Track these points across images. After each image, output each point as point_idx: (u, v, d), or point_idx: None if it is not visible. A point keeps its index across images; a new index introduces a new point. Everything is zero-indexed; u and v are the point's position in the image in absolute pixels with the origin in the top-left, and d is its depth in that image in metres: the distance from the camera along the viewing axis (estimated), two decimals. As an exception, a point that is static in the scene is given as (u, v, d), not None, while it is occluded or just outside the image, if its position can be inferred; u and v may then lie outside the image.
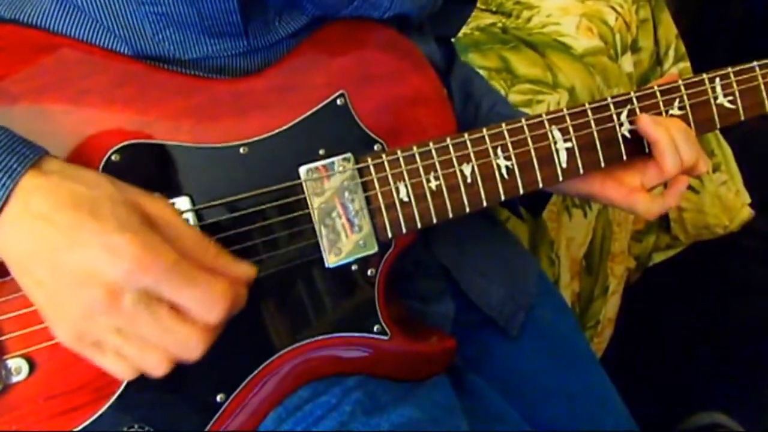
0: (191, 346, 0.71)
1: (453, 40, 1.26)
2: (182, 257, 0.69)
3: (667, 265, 2.64)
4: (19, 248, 0.69)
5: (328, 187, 0.88)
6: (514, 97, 1.92)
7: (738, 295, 2.57)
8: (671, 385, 2.28)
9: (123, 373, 0.73)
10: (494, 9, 2.34)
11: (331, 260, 0.89)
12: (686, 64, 2.53)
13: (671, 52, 2.50)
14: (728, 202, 2.56)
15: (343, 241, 0.89)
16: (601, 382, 1.20)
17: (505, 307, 1.14)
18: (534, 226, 1.80)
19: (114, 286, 0.66)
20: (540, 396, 1.13)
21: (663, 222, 2.57)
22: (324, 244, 0.88)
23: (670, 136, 0.98)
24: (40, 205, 0.68)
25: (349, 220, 0.89)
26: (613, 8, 2.30)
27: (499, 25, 2.26)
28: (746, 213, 2.60)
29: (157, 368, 0.71)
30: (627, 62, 2.29)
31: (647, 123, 0.99)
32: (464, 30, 2.12)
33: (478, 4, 2.21)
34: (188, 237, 0.72)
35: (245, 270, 0.76)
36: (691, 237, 2.60)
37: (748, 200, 2.61)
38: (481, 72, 1.90)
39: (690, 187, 2.49)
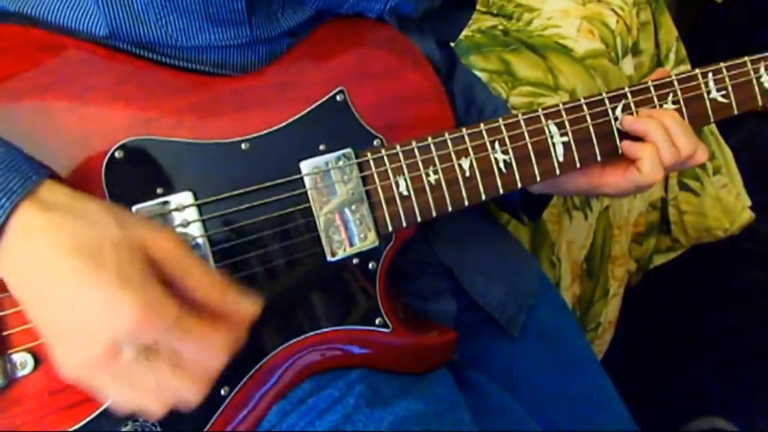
0: (189, 397, 0.69)
1: (453, 45, 1.27)
2: (186, 302, 0.68)
3: (668, 267, 2.64)
4: (24, 285, 0.68)
5: (329, 182, 0.89)
6: (515, 100, 1.92)
7: (738, 298, 2.57)
8: (671, 388, 2.28)
9: (121, 407, 0.71)
10: (495, 11, 2.35)
11: (332, 254, 0.90)
12: (687, 67, 2.53)
13: (672, 55, 2.51)
14: (729, 204, 2.56)
15: (344, 234, 0.90)
16: (602, 384, 1.20)
17: (507, 306, 1.15)
18: (535, 228, 1.80)
19: (112, 343, 0.65)
20: (540, 397, 1.13)
21: (663, 225, 2.58)
22: (325, 238, 0.89)
23: (662, 127, 0.99)
24: (43, 248, 0.66)
25: (349, 214, 0.90)
26: (614, 11, 2.30)
27: (500, 27, 2.26)
28: (747, 216, 2.60)
29: (154, 414, 0.70)
30: (628, 65, 2.29)
31: (630, 121, 1.00)
32: (465, 32, 2.12)
33: (479, 7, 2.23)
34: (196, 273, 0.70)
35: (249, 309, 0.73)
36: (691, 240, 2.61)
37: (749, 203, 2.61)
38: (483, 74, 1.91)
39: (690, 190, 2.50)
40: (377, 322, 0.93)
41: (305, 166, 0.88)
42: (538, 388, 1.14)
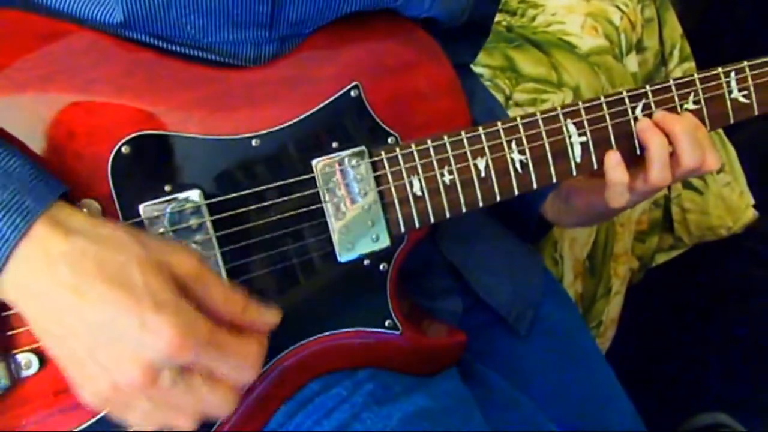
0: (223, 408, 0.71)
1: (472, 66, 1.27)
2: (213, 318, 0.69)
3: (670, 265, 2.63)
4: (45, 313, 0.68)
5: (341, 182, 0.87)
6: (518, 96, 1.92)
7: (741, 296, 2.56)
8: (673, 385, 2.28)
9: (146, 428, 0.72)
10: (499, 7, 2.34)
11: (343, 255, 0.88)
12: (691, 64, 2.53)
13: (676, 52, 2.50)
14: (732, 203, 2.55)
15: (355, 235, 0.88)
16: (608, 381, 1.20)
17: (514, 305, 1.14)
18: (538, 225, 1.79)
19: (152, 366, 0.66)
20: (547, 394, 1.12)
21: (666, 223, 2.57)
22: (336, 238, 0.88)
23: (665, 145, 0.98)
24: (68, 275, 0.66)
25: (361, 214, 0.88)
26: (618, 8, 2.29)
27: (504, 23, 2.25)
28: (750, 214, 2.59)
29: (187, 428, 0.71)
30: (632, 62, 2.28)
31: (640, 128, 0.99)
32: (469, 28, 2.11)
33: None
34: (217, 291, 0.71)
35: (270, 319, 0.76)
36: (694, 238, 2.60)
37: (752, 201, 2.61)
38: (486, 71, 1.91)
39: (694, 188, 2.49)
40: (387, 324, 0.92)
41: (317, 164, 0.87)
42: (545, 385, 1.14)
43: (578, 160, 0.97)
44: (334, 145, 0.87)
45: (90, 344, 0.66)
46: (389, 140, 0.90)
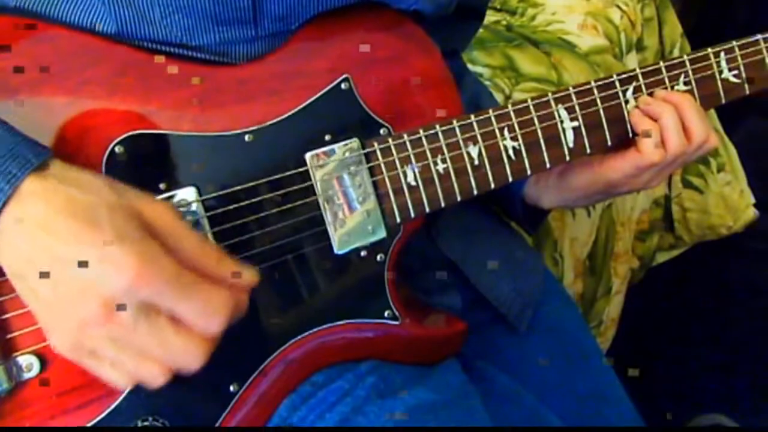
0: (190, 357, 0.69)
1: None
2: (183, 266, 0.68)
3: (671, 265, 2.63)
4: (14, 254, 0.68)
5: (335, 174, 0.87)
6: (518, 96, 1.91)
7: (741, 295, 2.57)
8: (673, 385, 2.28)
9: (120, 382, 0.71)
10: (499, 6, 2.34)
11: (339, 247, 0.88)
12: (690, 63, 2.52)
13: (676, 51, 2.50)
14: (732, 202, 2.55)
15: (351, 227, 0.88)
16: (608, 379, 1.19)
17: (515, 302, 1.14)
18: (537, 225, 1.79)
19: (111, 299, 0.65)
20: (547, 392, 1.12)
21: (667, 222, 2.57)
22: (332, 230, 0.88)
23: (675, 113, 0.98)
24: (37, 211, 0.66)
25: (356, 206, 0.88)
26: (618, 7, 2.29)
27: (504, 22, 2.25)
28: (750, 213, 2.59)
29: (155, 379, 0.70)
30: (632, 61, 2.28)
31: (646, 102, 1.00)
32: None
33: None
34: (189, 243, 0.70)
35: (248, 277, 0.74)
36: (694, 237, 2.59)
37: (753, 201, 2.60)
38: (486, 70, 1.91)
39: (694, 188, 2.49)
40: (386, 314, 0.92)
41: (310, 157, 0.87)
42: (545, 383, 1.14)
43: (571, 144, 0.97)
44: (327, 138, 0.88)
45: (55, 279, 0.66)
46: (381, 131, 0.90)
